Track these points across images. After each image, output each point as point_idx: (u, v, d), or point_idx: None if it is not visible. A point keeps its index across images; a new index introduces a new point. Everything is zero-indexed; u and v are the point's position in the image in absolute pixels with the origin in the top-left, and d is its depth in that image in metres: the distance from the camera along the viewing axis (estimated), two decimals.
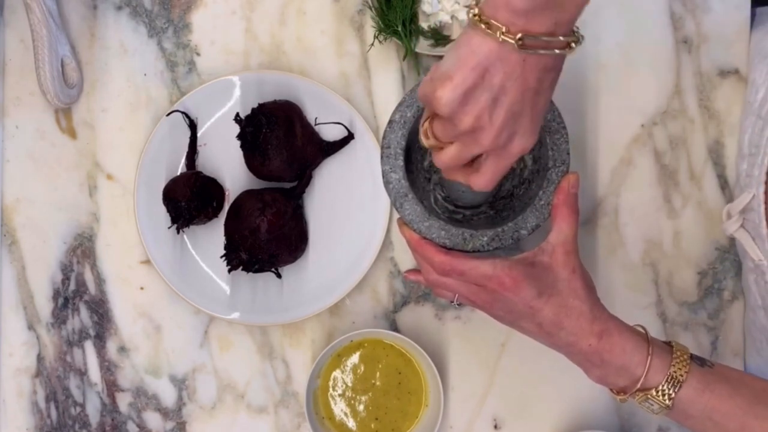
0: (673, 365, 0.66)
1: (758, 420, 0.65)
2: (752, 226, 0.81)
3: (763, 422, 0.65)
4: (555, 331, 0.69)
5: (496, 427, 0.93)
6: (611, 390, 0.70)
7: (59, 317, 0.94)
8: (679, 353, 0.67)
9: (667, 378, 0.66)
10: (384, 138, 0.75)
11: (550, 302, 0.68)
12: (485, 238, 0.74)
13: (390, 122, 0.75)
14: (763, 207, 0.79)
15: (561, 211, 0.71)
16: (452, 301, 0.73)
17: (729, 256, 0.92)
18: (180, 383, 0.94)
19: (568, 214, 0.71)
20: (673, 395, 0.66)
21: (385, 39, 0.92)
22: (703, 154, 0.93)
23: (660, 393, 0.66)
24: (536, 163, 0.78)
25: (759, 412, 0.65)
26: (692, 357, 0.68)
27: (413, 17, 0.91)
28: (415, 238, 0.72)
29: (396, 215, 0.92)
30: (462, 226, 0.74)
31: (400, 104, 0.75)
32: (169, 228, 0.90)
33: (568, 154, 0.75)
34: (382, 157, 0.75)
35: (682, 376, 0.66)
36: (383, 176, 0.75)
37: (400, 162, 0.74)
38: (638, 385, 0.67)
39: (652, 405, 0.67)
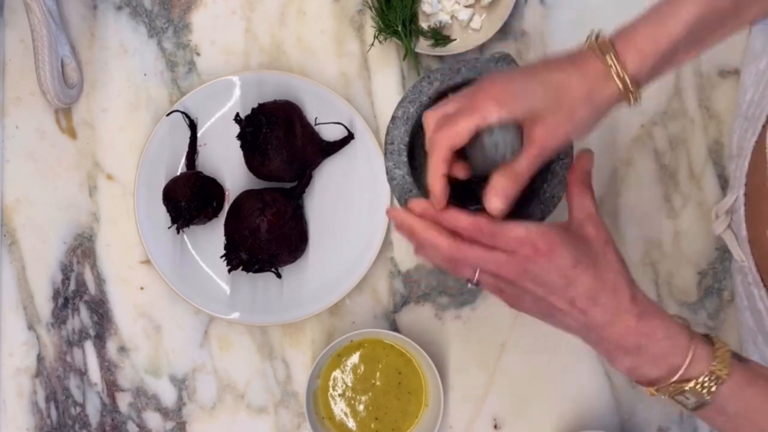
0: (717, 356, 0.61)
1: None
2: (736, 227, 0.81)
3: None
4: (589, 308, 0.61)
5: (496, 427, 0.93)
6: (639, 382, 0.64)
7: (59, 317, 0.94)
8: (721, 344, 0.63)
9: (711, 369, 0.61)
10: (387, 134, 0.75)
11: (587, 273, 0.61)
12: None
13: (393, 118, 0.75)
14: (743, 209, 0.79)
15: (577, 188, 0.66)
16: (470, 281, 0.64)
17: (729, 256, 0.92)
18: (180, 383, 0.94)
19: (584, 190, 0.66)
20: (714, 389, 0.61)
21: (385, 39, 0.92)
22: (703, 154, 0.93)
23: (700, 385, 0.61)
24: None
25: None
26: (732, 352, 0.63)
27: (413, 17, 0.91)
28: (431, 211, 0.64)
29: None
30: None
31: (402, 100, 0.75)
32: (169, 228, 0.90)
33: (572, 147, 0.75)
34: (385, 154, 0.75)
35: (725, 369, 0.61)
36: (387, 172, 0.75)
37: (404, 158, 0.74)
38: (676, 376, 0.61)
39: (687, 399, 0.62)
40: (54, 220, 0.94)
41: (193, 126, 0.92)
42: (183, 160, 0.92)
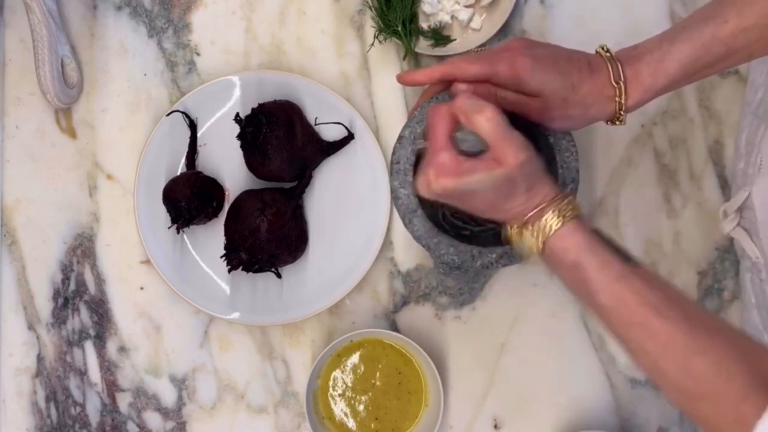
0: (562, 212, 0.64)
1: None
2: (749, 224, 0.81)
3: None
4: (490, 213, 0.67)
5: (496, 427, 0.93)
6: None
7: (59, 317, 0.94)
8: (570, 210, 0.64)
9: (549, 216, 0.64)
10: (393, 153, 0.75)
11: (483, 198, 0.65)
12: (493, 255, 0.74)
13: (400, 138, 0.75)
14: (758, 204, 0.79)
15: (499, 132, 0.64)
16: None
17: (729, 256, 0.92)
18: (180, 383, 0.94)
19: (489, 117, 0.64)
20: (556, 226, 0.63)
21: (385, 39, 0.92)
22: (703, 154, 0.93)
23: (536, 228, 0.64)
24: None
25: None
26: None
27: (413, 17, 0.91)
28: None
29: (396, 215, 0.92)
30: (470, 242, 0.74)
31: (410, 120, 0.75)
32: (169, 228, 0.90)
33: (578, 172, 0.75)
34: (391, 173, 0.75)
35: (555, 223, 0.63)
36: (392, 192, 0.75)
37: (410, 178, 0.74)
38: (526, 217, 0.65)
39: (528, 238, 0.65)
40: (54, 220, 0.94)
41: (193, 126, 0.92)
42: (183, 160, 0.92)
